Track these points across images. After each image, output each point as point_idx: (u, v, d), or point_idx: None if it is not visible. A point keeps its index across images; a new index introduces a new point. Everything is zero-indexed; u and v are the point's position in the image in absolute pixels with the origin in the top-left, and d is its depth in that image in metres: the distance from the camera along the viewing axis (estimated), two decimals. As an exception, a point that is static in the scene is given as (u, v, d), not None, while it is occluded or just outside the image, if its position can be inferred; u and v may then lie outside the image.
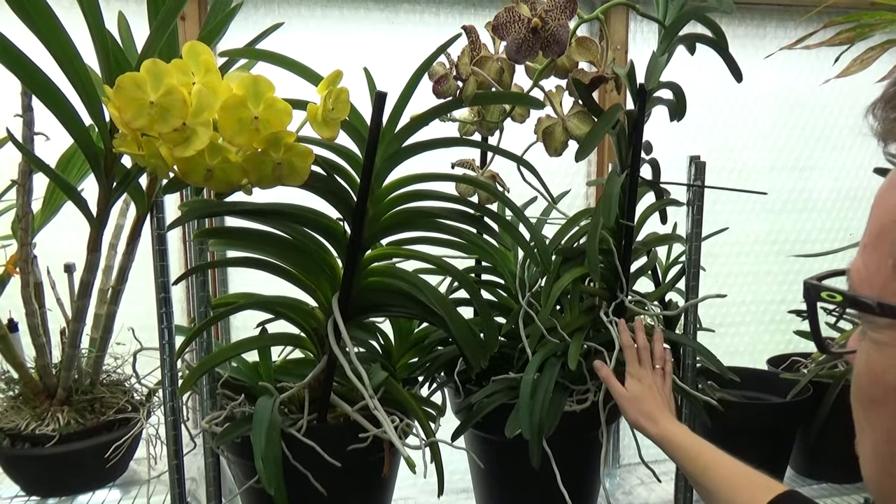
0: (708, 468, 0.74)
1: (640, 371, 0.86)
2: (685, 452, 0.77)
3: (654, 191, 1.01)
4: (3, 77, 0.73)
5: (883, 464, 0.38)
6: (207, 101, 0.63)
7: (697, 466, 0.75)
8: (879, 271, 0.37)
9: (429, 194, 0.81)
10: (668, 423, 0.81)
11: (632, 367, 0.87)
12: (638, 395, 0.84)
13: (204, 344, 0.87)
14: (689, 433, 0.80)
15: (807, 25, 1.52)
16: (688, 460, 0.77)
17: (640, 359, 0.88)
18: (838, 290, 0.38)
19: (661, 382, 0.87)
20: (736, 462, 0.73)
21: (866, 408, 0.39)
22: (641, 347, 0.88)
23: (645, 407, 0.83)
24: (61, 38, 0.71)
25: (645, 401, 0.84)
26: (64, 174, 0.94)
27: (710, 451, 0.76)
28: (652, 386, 0.85)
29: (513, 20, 0.76)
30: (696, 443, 0.78)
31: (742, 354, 1.69)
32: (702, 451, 0.76)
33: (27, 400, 0.98)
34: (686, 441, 0.78)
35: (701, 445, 0.77)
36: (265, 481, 0.71)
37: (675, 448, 0.79)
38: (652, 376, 0.86)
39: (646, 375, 0.86)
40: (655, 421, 0.82)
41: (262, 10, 1.33)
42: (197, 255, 0.84)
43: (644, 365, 0.87)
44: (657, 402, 0.84)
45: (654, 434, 0.81)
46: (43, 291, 0.99)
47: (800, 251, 1.65)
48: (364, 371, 0.76)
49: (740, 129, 1.63)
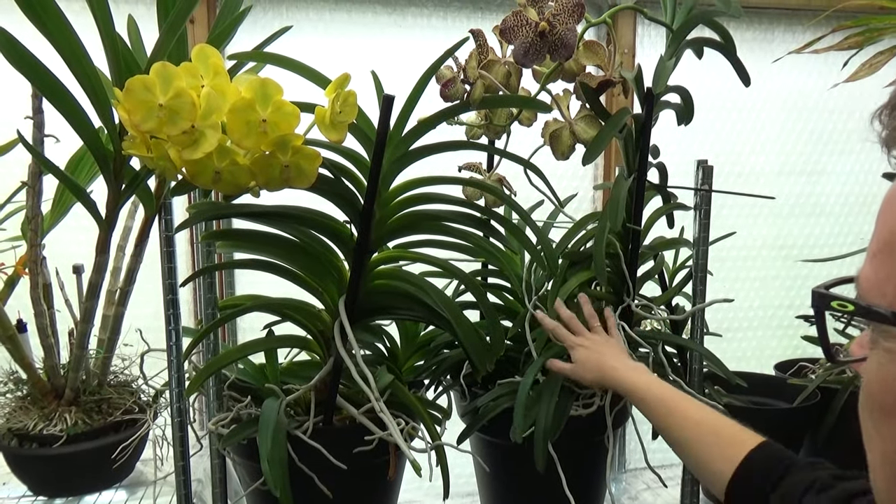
0: (676, 424, 0.72)
1: (576, 339, 0.86)
2: (651, 406, 0.75)
3: (661, 195, 1.00)
4: (14, 79, 0.74)
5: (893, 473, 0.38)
6: (216, 103, 0.63)
7: (665, 422, 0.73)
8: (891, 279, 0.36)
9: (435, 197, 0.81)
10: (627, 372, 0.79)
11: (567, 340, 0.86)
12: (583, 359, 0.83)
13: (211, 345, 0.87)
14: (652, 381, 0.77)
15: (815, 30, 1.51)
16: (654, 413, 0.74)
17: (572, 329, 0.87)
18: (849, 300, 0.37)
19: (604, 337, 0.86)
20: (704, 414, 0.71)
21: (877, 417, 0.38)
22: (567, 319, 0.88)
23: (595, 364, 0.82)
24: (72, 41, 0.72)
25: (590, 360, 0.83)
26: (73, 176, 0.94)
27: (676, 402, 0.73)
28: (596, 343, 0.85)
29: (520, 24, 0.77)
30: (663, 395, 0.75)
31: (749, 359, 1.68)
32: (666, 401, 0.74)
33: (35, 400, 0.98)
34: (651, 392, 0.76)
35: (668, 398, 0.74)
36: (271, 483, 0.71)
37: (639, 400, 0.76)
38: (592, 337, 0.86)
39: (585, 340, 0.86)
40: (612, 374, 0.80)
41: (270, 14, 1.33)
42: (204, 256, 0.85)
43: (579, 332, 0.87)
44: (606, 354, 0.83)
45: (616, 387, 0.80)
46: (52, 292, 1.00)
47: (808, 256, 1.65)
48: (370, 374, 0.76)
49: (748, 134, 1.62)
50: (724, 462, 0.66)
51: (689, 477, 0.98)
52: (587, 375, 0.83)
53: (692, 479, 0.98)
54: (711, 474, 0.68)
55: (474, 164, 0.95)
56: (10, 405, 0.99)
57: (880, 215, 0.38)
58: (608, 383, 0.81)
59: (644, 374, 0.79)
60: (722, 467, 0.66)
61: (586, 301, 0.91)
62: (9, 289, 1.03)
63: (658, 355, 0.97)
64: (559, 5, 0.76)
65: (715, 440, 0.68)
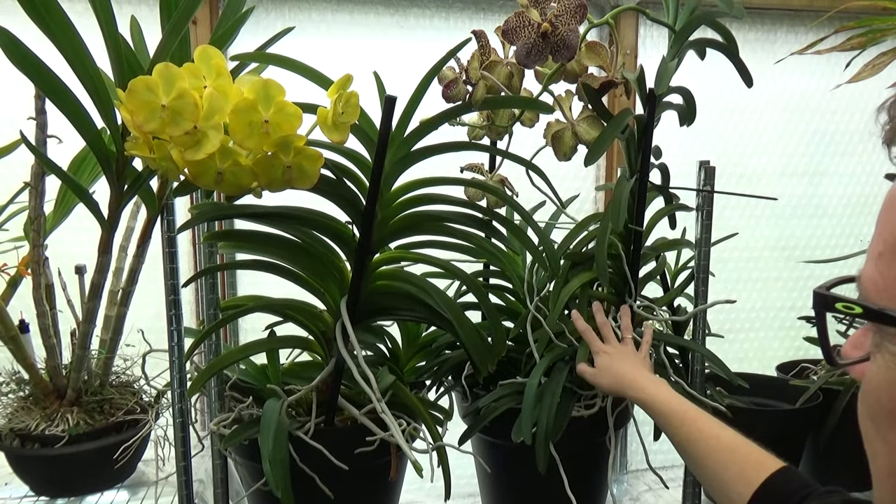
0: (692, 438, 0.71)
1: (603, 346, 0.86)
2: (668, 419, 0.74)
3: (663, 196, 1.00)
4: (17, 80, 0.74)
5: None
6: (218, 104, 0.63)
7: (682, 435, 0.72)
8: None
9: (437, 198, 0.81)
10: (646, 385, 0.79)
11: (594, 344, 0.86)
12: (605, 365, 0.83)
13: (213, 346, 0.87)
14: (672, 396, 0.76)
15: (818, 30, 1.51)
16: (672, 428, 0.73)
17: (603, 336, 0.87)
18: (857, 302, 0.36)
19: (631, 349, 0.86)
20: (722, 431, 0.70)
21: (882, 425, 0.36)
22: (601, 325, 0.88)
23: (615, 373, 0.82)
24: (75, 42, 0.72)
25: (612, 368, 0.82)
26: (76, 177, 0.95)
27: (695, 420, 0.72)
28: (620, 353, 0.84)
29: (523, 25, 0.77)
30: (681, 408, 0.74)
31: (751, 361, 1.68)
32: (686, 418, 0.73)
33: (37, 400, 0.98)
34: (669, 406, 0.75)
35: (685, 412, 0.73)
36: (272, 484, 0.71)
37: (658, 413, 0.76)
38: (619, 346, 0.86)
39: (611, 348, 0.85)
40: (631, 385, 0.80)
41: (272, 15, 1.33)
42: (206, 257, 0.85)
43: (608, 340, 0.87)
44: (627, 366, 0.82)
45: (635, 398, 0.79)
46: (54, 293, 1.00)
47: (810, 257, 1.64)
48: (372, 374, 0.76)
49: (750, 135, 1.62)
50: (743, 484, 0.64)
51: (691, 478, 0.98)
52: (605, 381, 0.83)
53: (693, 480, 0.97)
54: (728, 494, 0.66)
55: (476, 164, 0.95)
56: (13, 405, 0.99)
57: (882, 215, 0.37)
58: (626, 392, 0.81)
59: (664, 387, 0.79)
60: (740, 489, 0.64)
61: (599, 309, 0.90)
62: (11, 289, 1.04)
63: (660, 356, 0.97)
64: (561, 6, 0.76)
65: (732, 458, 0.67)
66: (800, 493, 0.61)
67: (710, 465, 0.68)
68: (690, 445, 0.71)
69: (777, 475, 0.63)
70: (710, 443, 0.69)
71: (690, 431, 0.71)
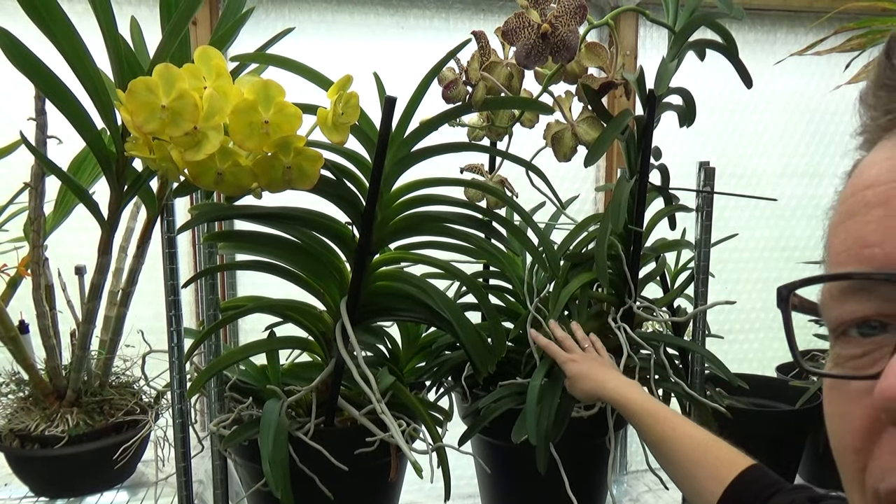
0: (666, 437, 0.71)
1: (569, 355, 0.87)
2: (642, 419, 0.74)
3: (663, 196, 1.00)
4: (17, 80, 0.74)
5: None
6: (218, 105, 0.63)
7: (655, 434, 0.73)
8: None
9: (437, 199, 0.81)
10: (618, 384, 0.79)
11: (559, 356, 0.87)
12: (575, 372, 0.84)
13: (212, 347, 0.87)
14: (646, 396, 0.77)
15: (817, 31, 1.51)
16: (646, 427, 0.74)
17: (566, 348, 0.88)
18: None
19: (595, 354, 0.88)
20: (695, 430, 0.71)
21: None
22: (562, 338, 0.89)
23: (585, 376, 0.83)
24: (75, 42, 0.72)
25: (582, 372, 0.84)
26: (76, 177, 0.95)
27: (668, 419, 0.73)
28: (587, 359, 0.86)
29: (522, 26, 0.77)
30: (654, 408, 0.75)
31: (751, 361, 1.68)
32: (659, 417, 0.73)
33: (37, 401, 0.98)
34: (643, 406, 0.75)
35: (657, 411, 0.74)
36: (272, 484, 0.71)
37: (631, 414, 0.76)
38: (584, 353, 0.87)
39: (577, 356, 0.87)
40: (604, 386, 0.80)
41: (272, 15, 1.34)
42: (206, 258, 0.85)
43: (571, 350, 0.88)
44: (597, 368, 0.84)
45: (609, 399, 0.80)
46: (54, 293, 1.00)
47: (810, 258, 1.64)
48: (371, 375, 0.76)
49: (750, 135, 1.62)
50: (716, 482, 0.65)
51: (691, 479, 0.98)
52: (585, 386, 0.84)
53: (694, 481, 0.97)
54: (701, 492, 0.67)
55: (476, 165, 0.95)
56: (12, 406, 0.99)
57: None
58: (600, 394, 0.81)
59: (636, 388, 0.79)
60: (713, 487, 0.65)
61: (578, 327, 0.92)
62: (11, 290, 1.04)
63: (659, 357, 0.97)
64: (561, 7, 0.76)
65: (705, 457, 0.68)
66: (769, 489, 0.62)
67: (684, 464, 0.69)
68: (664, 445, 0.72)
69: (747, 472, 0.64)
70: (684, 441, 0.70)
71: (664, 430, 0.72)
